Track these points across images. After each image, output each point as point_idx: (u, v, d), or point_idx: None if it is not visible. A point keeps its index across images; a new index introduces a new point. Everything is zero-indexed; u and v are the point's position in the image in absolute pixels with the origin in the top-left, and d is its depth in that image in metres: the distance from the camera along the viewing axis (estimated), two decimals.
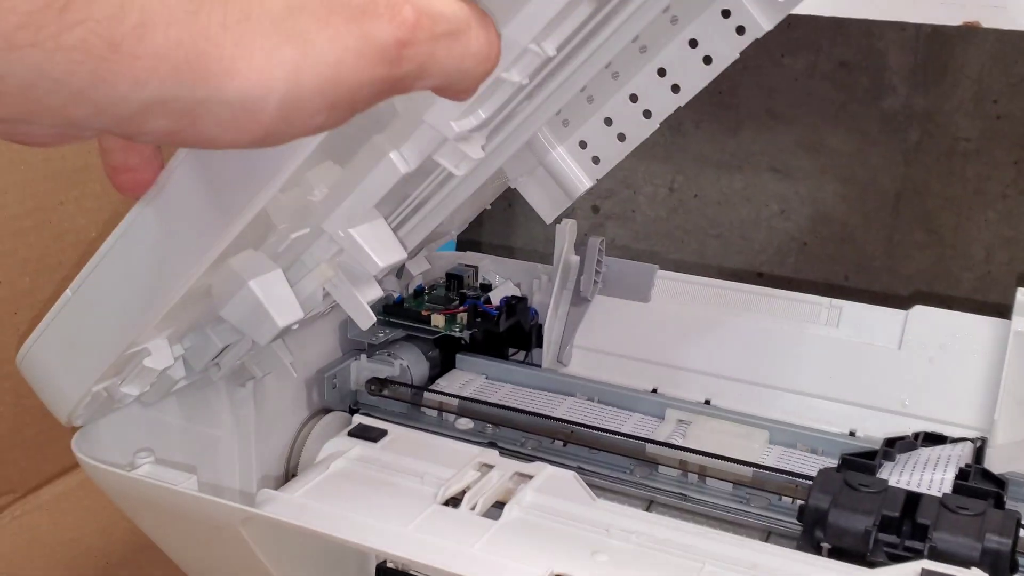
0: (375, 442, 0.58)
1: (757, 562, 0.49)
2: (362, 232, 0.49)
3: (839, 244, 1.04)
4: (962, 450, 0.64)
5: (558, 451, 0.67)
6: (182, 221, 0.43)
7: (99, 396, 0.50)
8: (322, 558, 0.56)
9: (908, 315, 0.70)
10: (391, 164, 0.46)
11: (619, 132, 0.67)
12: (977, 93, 0.95)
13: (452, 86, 0.32)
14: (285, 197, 0.45)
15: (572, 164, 0.68)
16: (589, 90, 0.65)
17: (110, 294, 0.47)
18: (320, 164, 0.46)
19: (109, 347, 0.48)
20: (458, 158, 0.45)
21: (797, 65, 1.00)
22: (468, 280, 0.79)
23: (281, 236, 0.48)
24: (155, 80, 0.25)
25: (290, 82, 0.27)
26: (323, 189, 0.46)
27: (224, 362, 0.56)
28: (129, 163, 0.38)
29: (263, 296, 0.49)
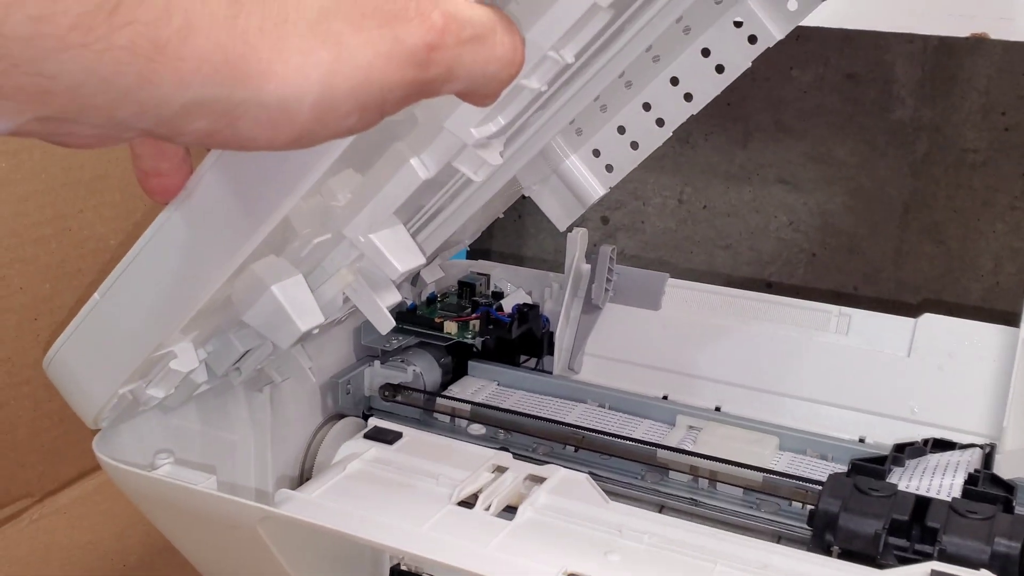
0: (390, 444, 0.59)
1: (768, 562, 0.50)
2: (382, 238, 0.50)
3: (847, 255, 1.04)
4: (971, 456, 0.64)
5: (570, 456, 0.67)
6: (209, 226, 0.44)
7: (125, 398, 0.51)
8: (338, 560, 0.57)
9: (917, 323, 0.71)
10: (411, 170, 0.47)
11: (632, 140, 0.68)
12: (985, 105, 0.96)
13: (477, 90, 0.33)
14: (307, 203, 0.46)
15: (586, 172, 0.69)
16: (603, 99, 0.66)
17: (138, 297, 0.48)
18: (342, 172, 0.47)
19: (136, 350, 0.49)
20: (477, 164, 0.46)
21: (805, 77, 1.01)
22: (480, 288, 0.80)
23: (303, 241, 0.49)
24: (197, 81, 0.26)
25: (324, 84, 0.28)
26: (346, 195, 0.47)
27: (245, 366, 0.57)
28: (160, 168, 0.39)
29: (285, 301, 0.50)
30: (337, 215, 0.48)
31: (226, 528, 0.52)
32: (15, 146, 0.66)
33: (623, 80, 0.65)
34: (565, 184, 0.69)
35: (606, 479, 0.64)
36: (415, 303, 0.77)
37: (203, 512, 0.53)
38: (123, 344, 0.49)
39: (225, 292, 0.47)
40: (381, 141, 0.46)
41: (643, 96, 0.66)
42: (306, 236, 0.49)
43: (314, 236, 0.49)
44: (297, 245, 0.49)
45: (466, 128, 0.43)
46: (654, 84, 0.65)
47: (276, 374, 0.60)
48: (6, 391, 0.70)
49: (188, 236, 0.44)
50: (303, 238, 0.49)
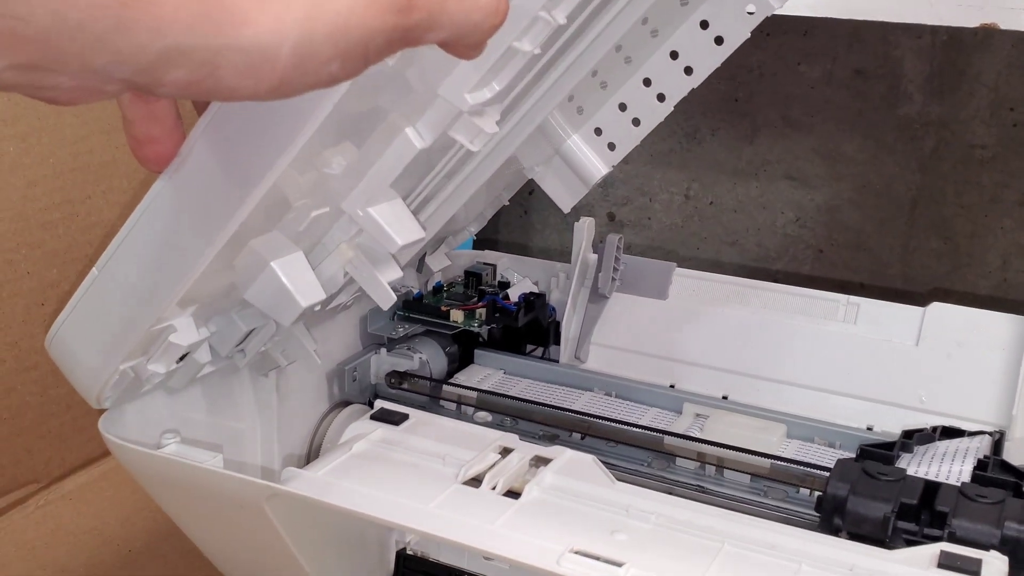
0: (397, 425, 0.59)
1: (776, 543, 0.49)
2: (381, 211, 0.50)
3: (855, 251, 1.04)
4: (980, 443, 0.64)
5: (576, 444, 0.67)
6: (201, 194, 0.43)
7: (126, 375, 0.51)
8: (344, 542, 0.56)
9: (926, 312, 0.71)
10: (407, 140, 0.47)
11: (633, 117, 0.67)
12: (993, 101, 0.96)
13: (461, 39, 0.33)
14: (301, 171, 0.45)
15: (588, 151, 0.69)
16: (602, 76, 0.66)
17: (135, 270, 0.47)
18: (337, 144, 0.47)
19: (135, 324, 0.49)
20: (473, 133, 0.46)
21: (813, 73, 1.01)
22: (486, 278, 0.80)
23: (300, 213, 0.49)
24: (174, 28, 0.26)
25: (303, 29, 0.28)
26: (340, 161, 0.46)
27: (249, 348, 0.57)
28: (152, 134, 0.38)
29: (285, 277, 0.50)
30: (334, 188, 0.48)
31: (232, 507, 0.52)
32: (24, 130, 0.67)
33: (622, 55, 0.65)
34: (568, 164, 0.69)
35: (613, 466, 0.64)
36: (421, 292, 0.77)
37: (209, 490, 0.52)
38: (122, 318, 0.49)
39: (222, 261, 0.47)
40: (375, 111, 0.46)
41: (643, 71, 0.65)
42: (303, 207, 0.48)
43: (312, 208, 0.49)
44: (294, 217, 0.49)
45: (460, 94, 0.43)
46: (653, 59, 0.65)
47: (281, 357, 0.60)
48: (13, 376, 0.70)
49: (181, 205, 0.44)
50: (300, 209, 0.48)
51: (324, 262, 0.54)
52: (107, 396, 0.53)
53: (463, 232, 0.78)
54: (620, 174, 1.11)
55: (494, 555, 0.48)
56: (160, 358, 0.51)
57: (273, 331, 0.57)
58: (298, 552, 0.52)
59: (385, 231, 0.50)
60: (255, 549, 0.55)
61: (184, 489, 0.54)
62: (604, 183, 1.12)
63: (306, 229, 0.50)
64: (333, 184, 0.48)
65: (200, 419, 0.61)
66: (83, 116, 0.71)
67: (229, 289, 0.51)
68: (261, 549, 0.54)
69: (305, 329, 0.61)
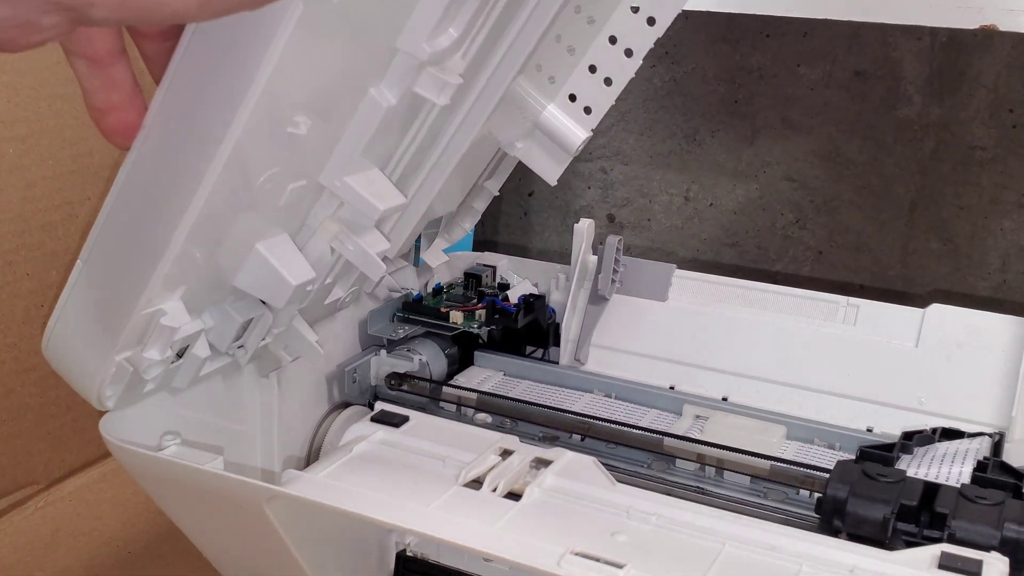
0: (397, 427, 0.59)
1: (776, 544, 0.49)
2: (357, 180, 0.50)
3: (854, 253, 1.04)
4: (980, 444, 0.64)
5: (576, 445, 0.67)
6: (167, 161, 0.43)
7: (124, 369, 0.51)
8: (345, 541, 0.56)
9: (925, 313, 0.71)
10: (373, 102, 0.47)
11: (605, 77, 0.68)
12: (993, 102, 0.96)
13: None
14: (264, 132, 0.45)
15: (565, 119, 0.69)
16: (567, 41, 0.66)
17: (116, 254, 0.47)
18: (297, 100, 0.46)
19: (123, 310, 0.48)
20: (438, 86, 0.47)
21: (813, 74, 1.01)
22: (486, 279, 0.80)
23: (276, 185, 0.48)
24: None
25: None
26: (304, 120, 0.46)
27: (249, 343, 0.57)
28: (112, 101, 0.38)
29: (272, 257, 0.50)
30: (307, 158, 0.48)
31: (233, 509, 0.52)
32: (23, 131, 0.67)
33: (584, 16, 0.65)
34: (547, 135, 0.69)
35: (612, 468, 0.64)
36: (421, 293, 0.77)
37: (209, 492, 0.52)
38: (111, 306, 0.49)
39: (201, 236, 0.46)
40: (335, 79, 0.46)
41: (607, 30, 0.66)
42: (277, 178, 0.48)
43: (288, 181, 0.49)
44: (271, 189, 0.48)
45: (418, 43, 0.43)
46: (616, 15, 0.65)
47: (284, 354, 0.60)
48: (13, 378, 0.70)
49: (150, 177, 0.44)
50: (275, 180, 0.48)
51: (310, 241, 0.54)
52: (108, 395, 0.53)
53: (457, 228, 0.78)
54: (620, 176, 1.11)
55: (494, 557, 0.48)
56: (154, 344, 0.51)
57: (270, 322, 0.57)
58: (298, 554, 0.52)
59: (364, 197, 0.50)
60: (255, 551, 0.55)
61: (184, 491, 0.54)
62: (604, 184, 1.12)
63: (287, 206, 0.50)
64: (305, 153, 0.48)
65: (201, 421, 0.61)
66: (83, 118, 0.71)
67: (218, 276, 0.51)
68: (261, 551, 0.55)
69: (304, 321, 0.61)
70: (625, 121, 1.09)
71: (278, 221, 0.51)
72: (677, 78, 1.05)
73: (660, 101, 1.07)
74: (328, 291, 0.63)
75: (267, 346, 0.59)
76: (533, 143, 0.70)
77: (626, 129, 1.09)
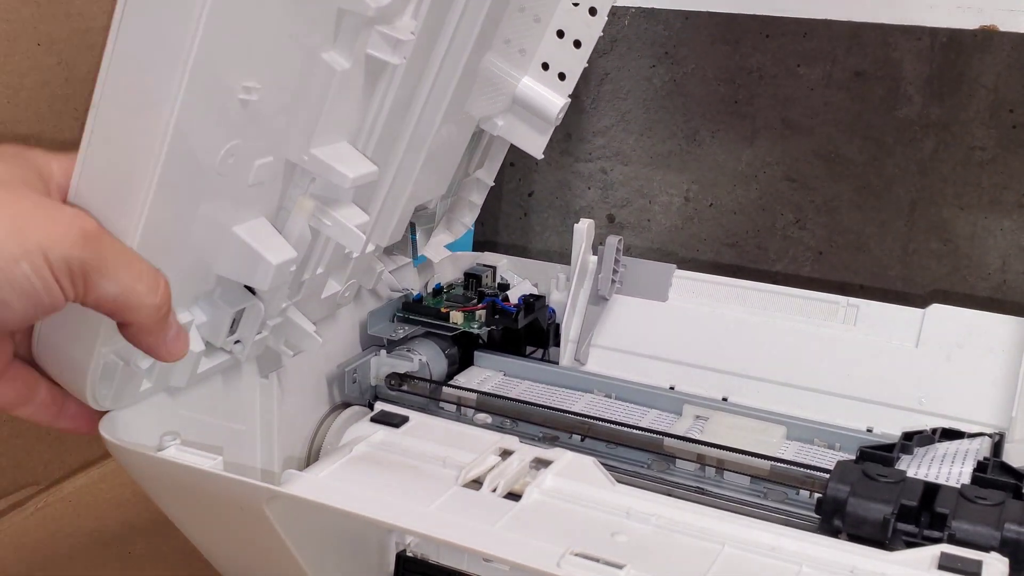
0: (397, 428, 0.59)
1: (776, 545, 0.49)
2: (325, 152, 0.51)
3: (854, 253, 1.04)
4: (980, 444, 0.64)
5: (576, 446, 0.67)
6: (118, 138, 0.44)
7: (113, 364, 0.51)
8: (344, 542, 0.56)
9: (925, 313, 0.71)
10: (326, 66, 0.47)
11: (574, 40, 0.68)
12: (993, 102, 0.96)
13: (129, 305, 0.44)
14: (210, 99, 0.45)
15: (541, 88, 0.69)
16: (532, 11, 0.66)
17: None
18: (239, 65, 0.46)
19: None
20: (391, 45, 0.47)
21: (813, 75, 1.01)
22: (486, 279, 0.80)
23: (241, 161, 0.48)
24: None
25: None
26: (252, 85, 0.46)
27: (245, 337, 0.57)
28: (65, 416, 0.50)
29: (250, 239, 0.51)
30: (269, 132, 0.49)
31: (232, 509, 0.52)
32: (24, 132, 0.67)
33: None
34: (526, 108, 0.70)
35: (613, 468, 0.64)
36: (421, 294, 0.77)
37: (209, 493, 0.52)
38: None
39: (164, 212, 0.46)
40: (280, 43, 0.46)
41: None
42: (240, 152, 0.48)
43: (253, 157, 0.49)
44: (234, 164, 0.48)
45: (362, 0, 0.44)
46: None
47: (285, 348, 0.60)
48: None
49: (106, 160, 0.44)
50: (237, 154, 0.48)
51: (289, 222, 0.54)
52: (103, 394, 0.53)
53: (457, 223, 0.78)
54: (620, 176, 1.11)
55: (494, 557, 0.48)
56: None
57: (262, 312, 0.57)
58: (298, 554, 0.52)
59: (332, 167, 0.51)
60: (255, 551, 0.55)
61: (184, 491, 0.54)
62: (604, 185, 1.12)
63: (257, 184, 0.50)
64: (264, 123, 0.48)
65: (200, 421, 0.61)
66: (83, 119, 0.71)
67: (198, 262, 0.51)
68: (261, 551, 0.54)
69: (300, 313, 0.61)
70: (625, 121, 1.09)
71: (252, 203, 0.51)
72: (677, 78, 1.05)
73: (660, 102, 1.07)
74: (322, 283, 0.63)
75: (267, 343, 0.59)
76: (513, 118, 0.70)
77: (626, 130, 1.09)
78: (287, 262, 0.52)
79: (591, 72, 1.06)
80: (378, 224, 0.64)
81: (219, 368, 0.59)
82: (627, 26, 1.04)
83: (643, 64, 1.05)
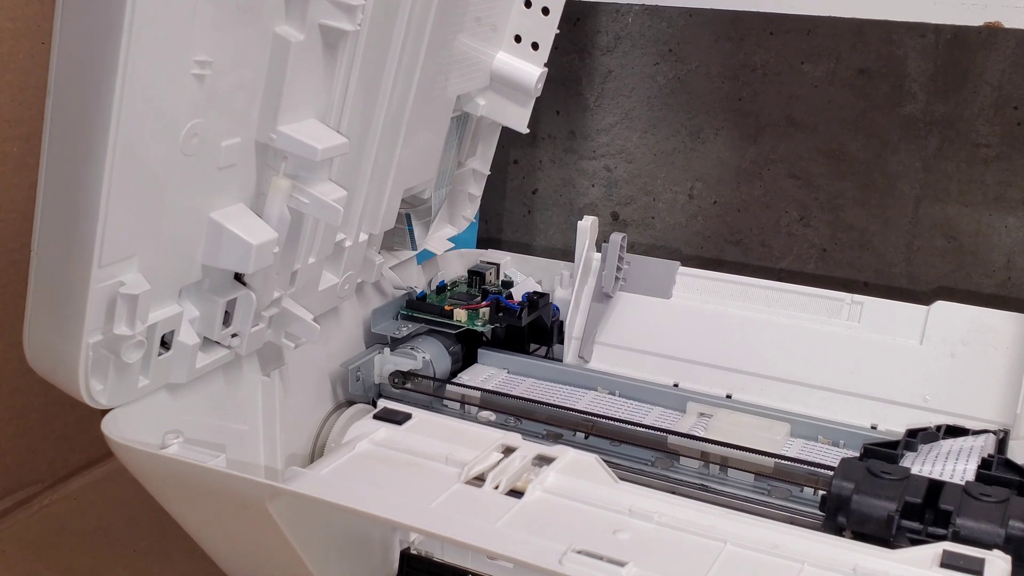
0: (400, 425, 0.59)
1: (779, 542, 0.49)
2: (293, 128, 0.52)
3: (858, 250, 1.04)
4: (984, 442, 0.64)
5: (580, 443, 0.67)
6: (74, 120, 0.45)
7: (103, 357, 0.51)
8: (348, 539, 0.56)
9: (929, 311, 0.71)
10: (280, 40, 0.48)
11: (542, 7, 0.70)
12: (997, 99, 0.95)
13: None
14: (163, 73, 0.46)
15: (516, 61, 0.71)
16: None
17: (58, 231, 0.48)
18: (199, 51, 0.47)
19: (79, 287, 0.49)
20: (343, 11, 0.48)
21: (817, 72, 1.00)
22: (490, 277, 0.80)
23: (207, 143, 0.49)
24: None
25: None
26: (204, 58, 0.47)
27: (241, 329, 0.57)
28: None
29: (228, 223, 0.51)
30: (230, 108, 0.49)
31: (236, 506, 0.52)
32: (27, 131, 0.67)
33: None
34: (504, 83, 0.71)
35: (616, 465, 0.64)
36: (425, 291, 0.77)
37: (212, 490, 0.52)
38: (68, 288, 0.49)
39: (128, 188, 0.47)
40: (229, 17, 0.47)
41: None
42: (203, 131, 0.49)
43: (218, 136, 0.50)
44: (198, 142, 0.49)
45: None
46: None
47: (286, 341, 0.60)
48: (18, 378, 0.70)
49: (66, 143, 0.45)
50: (201, 133, 0.48)
51: (267, 207, 0.55)
52: (97, 389, 0.53)
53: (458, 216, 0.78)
54: (624, 173, 1.11)
55: (496, 554, 0.48)
56: (121, 318, 0.50)
57: (254, 302, 0.57)
58: (302, 552, 0.52)
59: (301, 141, 0.52)
60: (259, 549, 0.55)
61: (187, 489, 0.54)
62: (608, 183, 1.11)
63: (228, 168, 0.51)
64: (224, 101, 0.49)
65: (203, 420, 0.61)
66: None
67: (179, 250, 0.52)
68: (265, 549, 0.55)
69: (296, 303, 0.61)
70: (629, 119, 1.09)
71: (227, 188, 0.52)
72: (681, 76, 1.05)
73: (664, 99, 1.07)
74: (317, 274, 0.63)
75: (267, 337, 0.59)
76: (494, 95, 0.72)
77: (630, 127, 1.09)
78: (268, 243, 0.52)
79: (595, 70, 1.06)
80: (366, 210, 0.64)
81: (219, 363, 0.59)
82: (631, 24, 1.04)
83: (647, 61, 1.05)
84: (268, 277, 0.57)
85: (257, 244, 0.51)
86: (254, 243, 0.51)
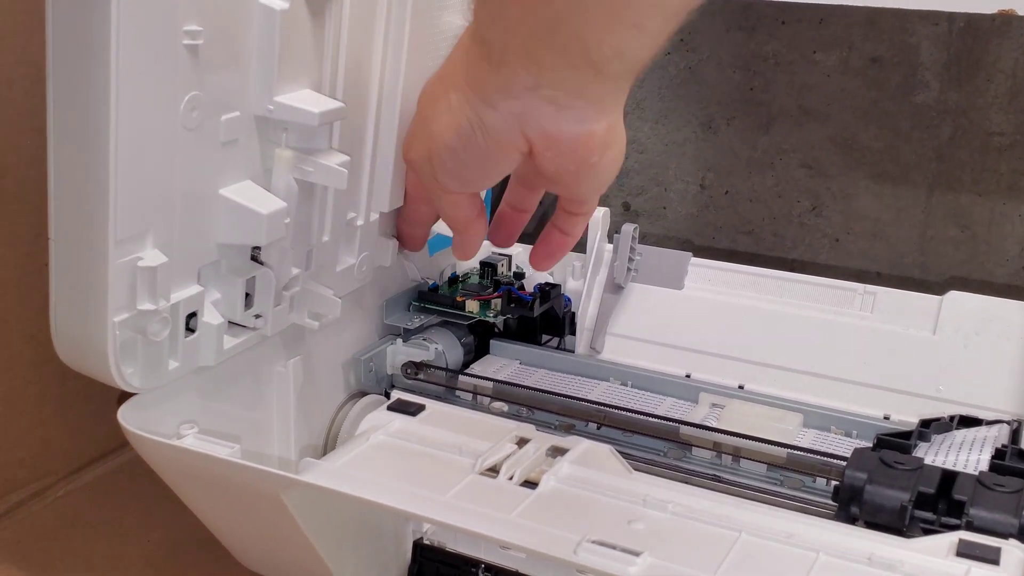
0: (414, 416, 0.59)
1: (793, 532, 0.49)
2: (288, 98, 0.52)
3: (871, 240, 1.03)
4: (998, 432, 0.64)
5: (592, 434, 0.67)
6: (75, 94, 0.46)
7: (131, 338, 0.51)
8: (362, 530, 0.57)
9: (943, 301, 0.70)
10: (266, 8, 0.49)
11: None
12: (1012, 88, 0.95)
13: None
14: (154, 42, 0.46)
15: None
16: None
17: (73, 216, 0.49)
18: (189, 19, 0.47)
19: (99, 267, 0.49)
20: None
21: (829, 61, 1.00)
22: (502, 268, 0.80)
23: (207, 117, 0.50)
24: None
25: None
26: (196, 29, 0.47)
27: (264, 310, 0.57)
28: None
29: (237, 197, 0.52)
30: (225, 80, 0.50)
31: (250, 497, 0.53)
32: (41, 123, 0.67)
33: None
34: None
35: (629, 456, 0.64)
36: (437, 282, 0.77)
37: (227, 481, 0.53)
38: (88, 271, 0.50)
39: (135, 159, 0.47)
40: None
41: None
42: (201, 104, 0.49)
43: (217, 109, 0.50)
44: (198, 117, 0.49)
45: None
46: None
47: (309, 320, 0.61)
48: (32, 369, 0.71)
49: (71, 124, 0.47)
50: (199, 107, 0.49)
51: (273, 181, 0.55)
52: (129, 372, 0.53)
53: None
54: (635, 164, 1.11)
55: (511, 545, 0.49)
56: (143, 292, 0.50)
57: (272, 281, 0.57)
58: (316, 542, 0.53)
59: (296, 108, 0.52)
60: (273, 539, 0.56)
61: (202, 479, 0.55)
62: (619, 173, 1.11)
63: (231, 143, 0.52)
64: (218, 72, 0.50)
65: (218, 409, 0.62)
66: None
67: (193, 228, 0.52)
68: (279, 539, 0.55)
69: (315, 282, 0.62)
70: (640, 109, 1.09)
71: (233, 165, 0.53)
72: (692, 66, 1.05)
73: (675, 89, 1.06)
74: (333, 253, 0.63)
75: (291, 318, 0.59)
76: None
77: (641, 117, 1.09)
78: (278, 212, 0.53)
79: None
80: (373, 187, 0.64)
81: (246, 345, 0.59)
82: None
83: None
84: (284, 253, 0.57)
85: (267, 213, 0.52)
86: (264, 212, 0.52)
